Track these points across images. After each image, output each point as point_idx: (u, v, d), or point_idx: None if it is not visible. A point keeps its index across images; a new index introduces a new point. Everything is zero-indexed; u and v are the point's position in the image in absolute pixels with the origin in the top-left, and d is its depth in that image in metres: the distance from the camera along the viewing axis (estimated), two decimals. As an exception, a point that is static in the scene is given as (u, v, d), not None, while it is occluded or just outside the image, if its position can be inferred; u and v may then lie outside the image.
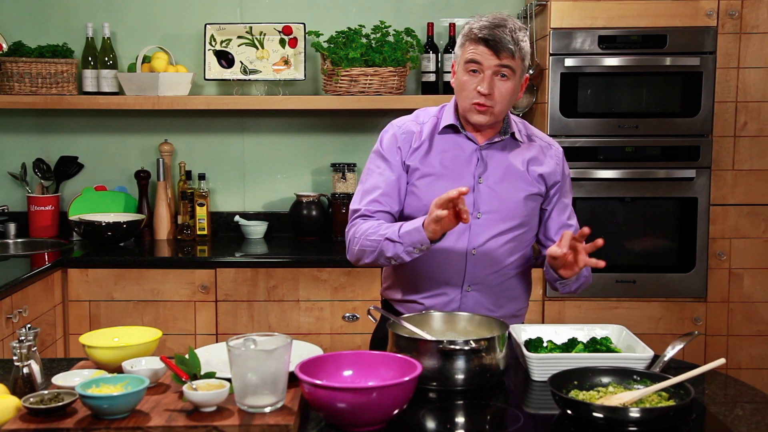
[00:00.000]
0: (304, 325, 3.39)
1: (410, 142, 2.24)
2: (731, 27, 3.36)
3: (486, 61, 2.12)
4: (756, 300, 3.47)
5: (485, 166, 2.22)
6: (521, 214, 2.24)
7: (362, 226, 2.18)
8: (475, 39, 2.12)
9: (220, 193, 4.01)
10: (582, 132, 3.41)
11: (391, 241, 2.09)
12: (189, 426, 1.57)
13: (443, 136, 2.24)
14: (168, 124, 3.96)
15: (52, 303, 3.29)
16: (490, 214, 2.21)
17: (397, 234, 2.08)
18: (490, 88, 2.13)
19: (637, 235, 3.50)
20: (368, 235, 2.15)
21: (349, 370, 1.77)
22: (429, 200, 2.13)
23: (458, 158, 2.22)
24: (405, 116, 2.33)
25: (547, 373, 1.82)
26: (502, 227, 2.22)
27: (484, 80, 2.13)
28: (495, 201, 2.21)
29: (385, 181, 2.23)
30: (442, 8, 3.90)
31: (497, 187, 2.22)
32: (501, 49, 2.10)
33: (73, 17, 3.90)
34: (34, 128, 3.97)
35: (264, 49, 3.80)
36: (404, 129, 2.26)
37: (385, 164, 2.25)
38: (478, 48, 2.12)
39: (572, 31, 3.36)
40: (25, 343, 1.78)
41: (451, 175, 2.21)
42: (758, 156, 3.42)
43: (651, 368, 1.88)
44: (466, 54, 2.15)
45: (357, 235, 2.18)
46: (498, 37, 2.10)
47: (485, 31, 2.11)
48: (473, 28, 2.14)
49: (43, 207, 3.84)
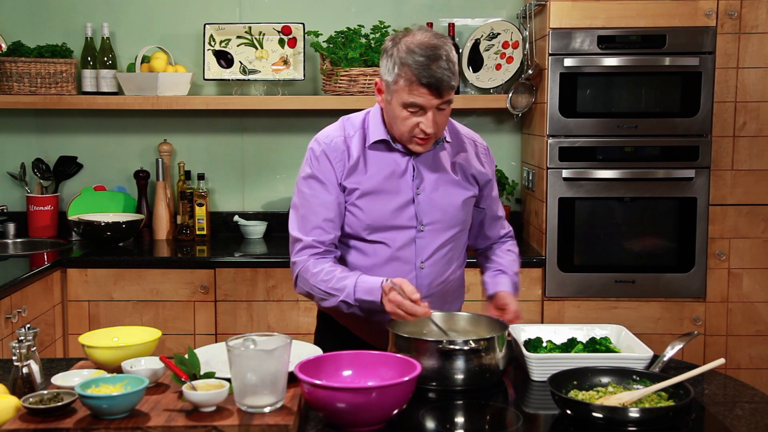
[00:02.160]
0: (304, 325, 3.38)
1: (343, 160, 2.14)
2: (730, 27, 3.36)
3: (428, 103, 2.01)
4: (755, 300, 3.47)
5: (421, 177, 2.17)
6: (461, 220, 2.23)
7: (314, 268, 2.10)
8: (416, 82, 1.98)
9: (220, 193, 4.01)
10: (581, 132, 3.40)
11: (347, 304, 2.05)
12: (188, 426, 1.57)
13: (375, 152, 2.15)
14: (167, 124, 3.96)
15: (52, 303, 3.29)
16: (432, 225, 2.18)
17: (352, 297, 2.03)
18: (434, 126, 2.04)
19: (637, 235, 3.50)
20: (320, 283, 2.08)
21: (348, 370, 1.77)
22: (370, 218, 2.14)
23: (394, 173, 2.15)
24: (328, 129, 2.21)
25: (547, 373, 1.82)
26: (445, 236, 2.20)
27: (428, 120, 2.03)
28: (435, 211, 2.18)
29: (325, 205, 2.13)
30: (441, 8, 3.90)
31: (435, 196, 2.18)
32: (443, 89, 2.00)
33: (72, 17, 3.90)
34: (33, 128, 3.97)
35: (263, 49, 3.80)
36: (334, 146, 2.14)
37: (321, 186, 2.14)
38: (419, 91, 1.99)
39: (571, 31, 3.36)
40: (24, 343, 1.78)
41: (390, 190, 2.15)
42: (757, 156, 3.42)
43: (650, 368, 1.89)
44: (405, 96, 2.01)
45: (307, 276, 2.11)
46: (438, 78, 1.98)
47: (425, 73, 1.97)
48: (410, 66, 1.98)
49: (42, 207, 3.83)
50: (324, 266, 2.10)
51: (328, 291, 2.07)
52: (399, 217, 2.15)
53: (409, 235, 2.16)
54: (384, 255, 2.16)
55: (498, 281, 2.27)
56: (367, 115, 2.21)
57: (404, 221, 2.16)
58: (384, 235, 2.16)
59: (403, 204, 2.15)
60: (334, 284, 2.06)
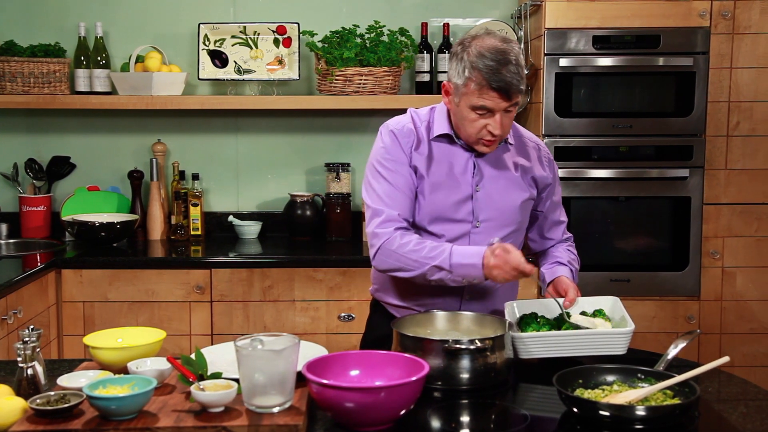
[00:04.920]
0: (300, 325, 3.38)
1: (411, 142, 2.19)
2: (724, 27, 3.39)
3: (497, 106, 2.06)
4: (748, 298, 3.50)
5: (481, 174, 2.21)
6: (517, 220, 2.26)
7: (402, 239, 2.12)
8: (486, 86, 2.03)
9: (214, 193, 4.00)
10: (576, 132, 3.42)
11: (438, 269, 2.07)
12: (198, 426, 1.56)
13: (438, 144, 2.20)
14: (161, 123, 3.94)
15: (47, 304, 3.27)
16: (488, 222, 2.21)
17: (448, 263, 2.06)
18: (501, 129, 2.09)
19: (631, 234, 3.52)
20: (410, 252, 2.10)
21: (355, 370, 1.77)
22: (430, 208, 2.17)
23: (456, 167, 2.20)
24: (398, 117, 2.27)
25: (532, 352, 1.97)
26: (500, 234, 2.22)
27: (496, 122, 2.08)
28: (492, 209, 2.21)
29: (407, 185, 2.17)
30: (435, 8, 3.90)
31: (494, 195, 2.21)
32: (512, 93, 2.04)
33: (65, 17, 3.87)
34: (25, 128, 3.94)
35: (258, 49, 3.79)
36: (404, 129, 2.20)
37: (398, 167, 2.18)
38: (489, 94, 2.04)
39: (567, 32, 3.37)
40: (29, 345, 1.77)
41: (450, 184, 2.19)
42: (750, 155, 3.45)
43: (654, 367, 1.90)
44: (475, 99, 2.06)
45: (393, 247, 2.12)
46: (508, 82, 2.02)
47: (496, 77, 2.01)
48: (481, 71, 2.03)
49: (35, 207, 3.81)
50: (412, 238, 2.13)
51: (419, 260, 2.08)
52: (457, 211, 2.19)
53: (464, 229, 2.20)
54: None
55: (555, 270, 2.29)
56: (433, 109, 2.25)
57: (461, 216, 2.19)
58: (441, 227, 2.19)
59: (462, 199, 2.18)
60: (426, 253, 2.08)
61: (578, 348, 2.00)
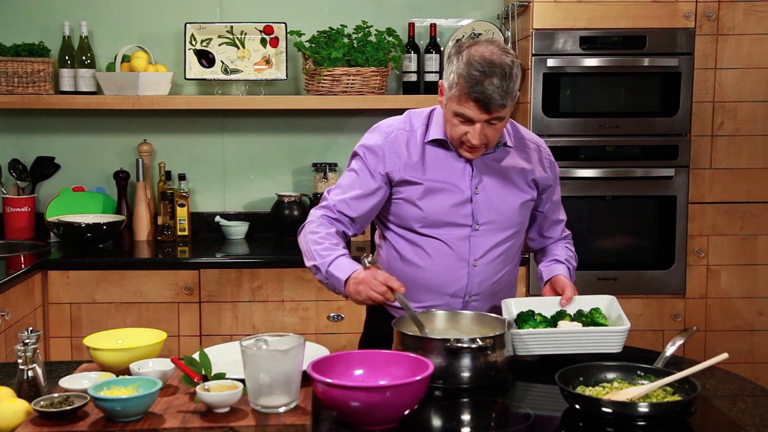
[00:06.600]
0: (289, 326, 3.38)
1: (399, 153, 2.18)
2: (708, 28, 3.43)
3: (477, 116, 2.03)
4: (732, 296, 3.54)
5: (480, 177, 2.21)
6: (517, 222, 2.27)
7: (316, 226, 2.18)
8: (465, 95, 2.01)
9: (201, 194, 3.98)
10: (564, 131, 3.45)
11: (317, 269, 2.12)
12: (205, 427, 1.56)
13: (435, 148, 2.19)
14: (147, 123, 3.91)
15: (33, 306, 3.23)
16: (488, 225, 2.22)
17: (325, 269, 2.09)
18: (480, 139, 2.07)
19: (618, 233, 3.56)
20: (311, 242, 2.15)
21: (359, 369, 1.77)
22: (427, 213, 2.18)
23: (453, 170, 2.19)
24: (393, 119, 2.26)
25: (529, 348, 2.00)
26: (500, 237, 2.23)
27: (475, 131, 2.05)
28: (492, 211, 2.21)
29: (362, 186, 2.19)
30: (422, 8, 3.91)
31: (494, 197, 2.21)
32: (492, 107, 2.01)
33: (49, 15, 3.83)
34: (9, 128, 3.90)
35: (245, 49, 3.78)
36: (393, 138, 2.19)
37: (366, 169, 2.20)
38: (468, 104, 2.02)
39: (554, 32, 3.40)
40: (29, 347, 1.75)
41: (448, 188, 2.18)
42: (734, 155, 3.50)
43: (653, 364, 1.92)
44: (455, 106, 2.05)
45: (307, 229, 2.20)
46: (488, 95, 1.98)
47: (476, 88, 1.98)
48: (465, 78, 2.00)
49: (18, 208, 3.77)
50: (325, 230, 2.16)
51: (311, 252, 2.14)
52: (456, 214, 2.19)
53: (464, 232, 2.20)
54: (438, 250, 2.20)
55: (553, 268, 2.32)
56: (433, 111, 2.25)
57: (461, 219, 2.19)
58: (439, 231, 2.19)
59: (461, 202, 2.18)
60: (319, 249, 2.12)
61: (575, 345, 2.02)
